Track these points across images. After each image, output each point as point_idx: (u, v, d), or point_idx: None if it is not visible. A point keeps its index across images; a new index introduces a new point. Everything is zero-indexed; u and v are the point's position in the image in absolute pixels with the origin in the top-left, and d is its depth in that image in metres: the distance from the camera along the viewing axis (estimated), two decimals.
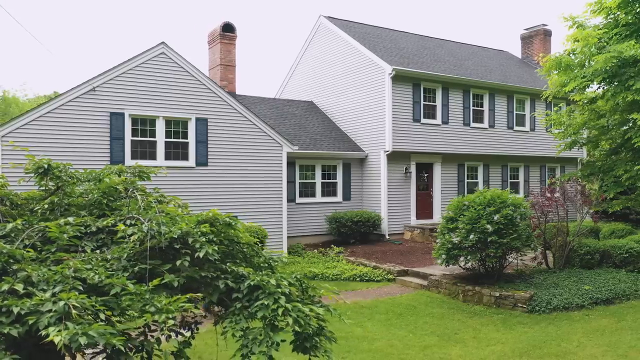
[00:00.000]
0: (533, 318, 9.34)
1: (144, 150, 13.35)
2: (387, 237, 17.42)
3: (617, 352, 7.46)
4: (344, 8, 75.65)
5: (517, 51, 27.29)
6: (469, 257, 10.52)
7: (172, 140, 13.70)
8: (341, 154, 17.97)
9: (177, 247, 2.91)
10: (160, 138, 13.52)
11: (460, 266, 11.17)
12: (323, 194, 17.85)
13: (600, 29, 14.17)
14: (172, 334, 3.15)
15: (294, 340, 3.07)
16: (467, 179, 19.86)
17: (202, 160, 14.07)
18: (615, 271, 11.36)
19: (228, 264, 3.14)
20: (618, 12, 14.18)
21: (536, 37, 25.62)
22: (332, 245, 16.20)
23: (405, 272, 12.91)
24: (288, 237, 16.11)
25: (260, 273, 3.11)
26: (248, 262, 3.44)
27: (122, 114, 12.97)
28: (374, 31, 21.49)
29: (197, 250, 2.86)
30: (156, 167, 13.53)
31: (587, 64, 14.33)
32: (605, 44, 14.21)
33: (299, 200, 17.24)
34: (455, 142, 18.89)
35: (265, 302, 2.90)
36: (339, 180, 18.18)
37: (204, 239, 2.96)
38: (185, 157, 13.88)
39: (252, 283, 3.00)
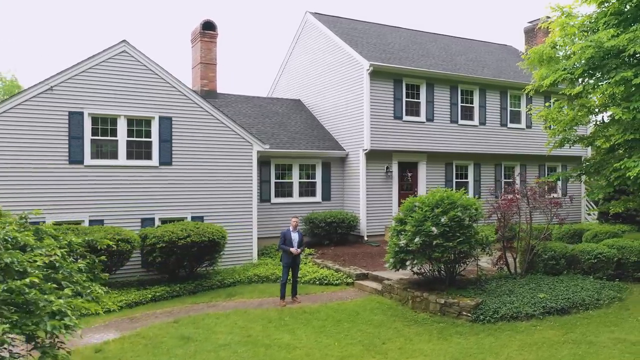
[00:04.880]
0: (474, 328, 8.67)
1: (105, 149, 13.23)
2: (366, 238, 16.81)
3: None
4: (350, 5, 74.18)
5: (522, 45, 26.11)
6: (415, 262, 9.90)
7: (135, 139, 13.51)
8: (320, 153, 17.46)
9: None
10: (122, 137, 13.35)
11: (412, 271, 10.56)
12: (301, 194, 17.38)
13: (593, 20, 13.24)
14: None
15: None
16: (456, 178, 19.02)
17: (166, 160, 13.83)
18: (582, 278, 10.49)
19: None
20: (614, 0, 13.18)
21: (540, 30, 24.37)
22: (305, 247, 15.72)
23: (365, 275, 12.35)
24: (262, 237, 15.74)
25: None
26: None
27: (82, 113, 12.85)
28: (361, 27, 20.88)
29: None
30: (117, 166, 13.23)
31: (572, 56, 13.46)
32: (587, 34, 13.27)
33: (274, 200, 16.84)
34: (442, 140, 18.10)
35: None
36: (318, 180, 17.68)
37: None
38: (148, 157, 13.67)
39: None
